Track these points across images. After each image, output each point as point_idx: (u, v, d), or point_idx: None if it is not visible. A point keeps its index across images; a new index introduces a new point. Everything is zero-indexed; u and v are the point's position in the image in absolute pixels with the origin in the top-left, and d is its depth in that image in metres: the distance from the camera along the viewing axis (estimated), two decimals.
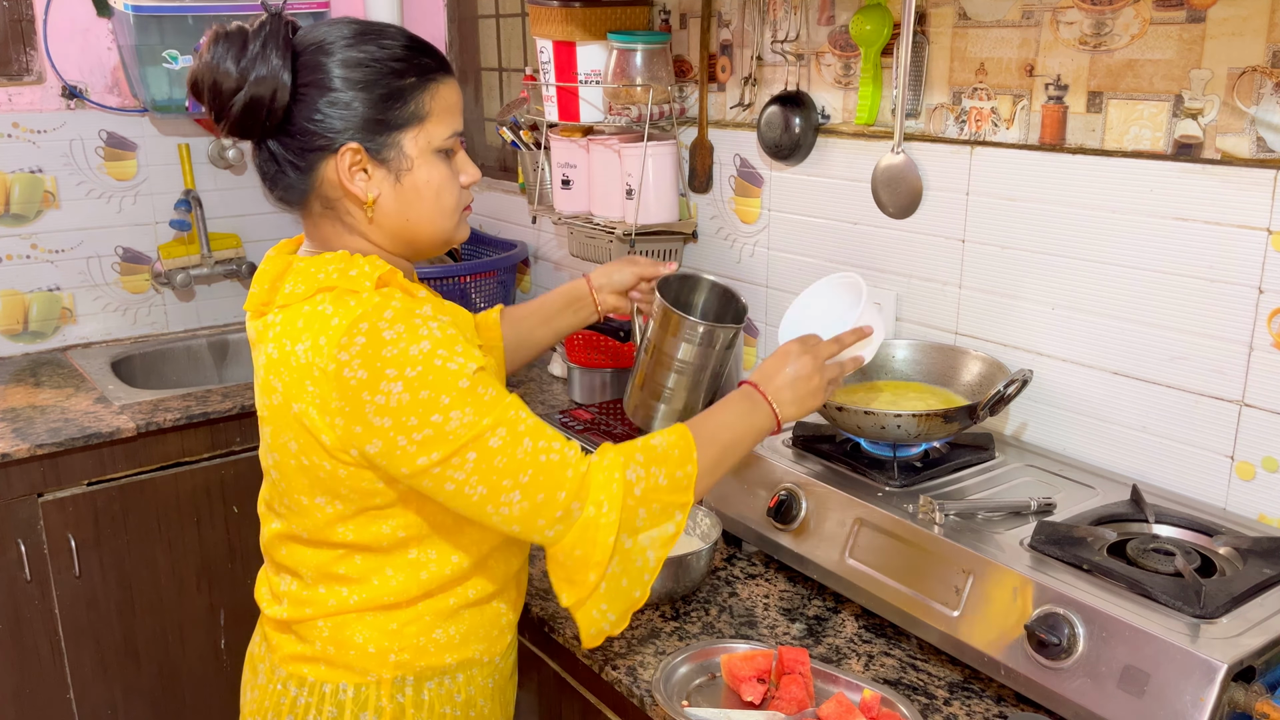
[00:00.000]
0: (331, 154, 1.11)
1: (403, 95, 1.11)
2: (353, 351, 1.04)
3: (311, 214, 1.17)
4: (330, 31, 1.11)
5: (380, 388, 1.04)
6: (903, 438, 1.43)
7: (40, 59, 2.56)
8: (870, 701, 1.17)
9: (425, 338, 1.05)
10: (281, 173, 1.14)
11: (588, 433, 1.97)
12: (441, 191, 1.17)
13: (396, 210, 1.15)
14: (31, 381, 2.47)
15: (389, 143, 1.12)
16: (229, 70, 1.07)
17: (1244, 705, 1.04)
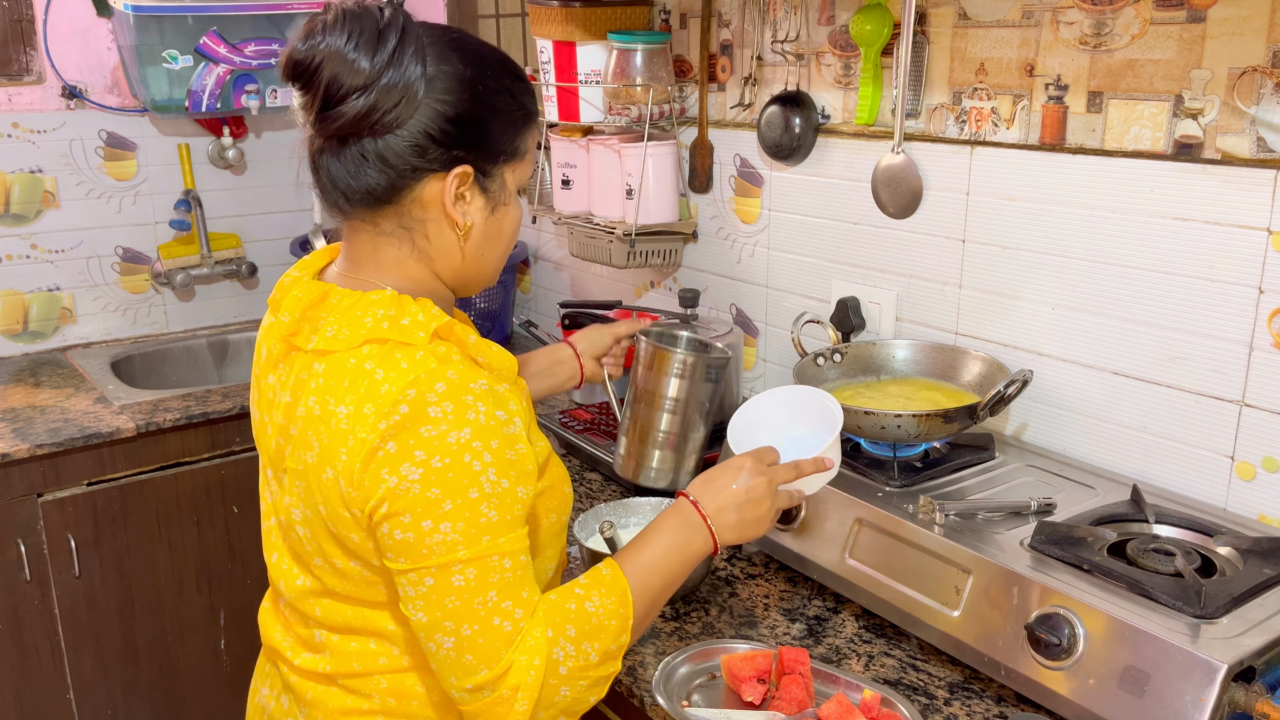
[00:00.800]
0: (439, 171, 1.02)
1: (507, 129, 1.04)
2: (391, 422, 0.96)
3: (377, 229, 1.06)
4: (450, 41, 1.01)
5: (399, 469, 0.96)
6: (903, 438, 1.43)
7: (40, 59, 2.56)
8: (870, 702, 1.17)
9: (470, 424, 0.97)
10: (367, 177, 1.01)
11: (587, 432, 1.97)
12: (515, 232, 1.11)
13: (480, 244, 1.08)
14: (31, 381, 2.47)
15: (495, 173, 1.05)
16: (360, 66, 0.96)
17: (1244, 705, 1.04)
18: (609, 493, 1.83)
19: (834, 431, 1.27)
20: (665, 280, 2.32)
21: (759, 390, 2.12)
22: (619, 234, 2.08)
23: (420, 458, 0.96)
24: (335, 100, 0.98)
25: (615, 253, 2.11)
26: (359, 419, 0.97)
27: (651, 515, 1.57)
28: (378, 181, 1.02)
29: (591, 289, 2.58)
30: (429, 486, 0.96)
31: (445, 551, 0.97)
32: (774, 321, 2.05)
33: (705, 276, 2.19)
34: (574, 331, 2.09)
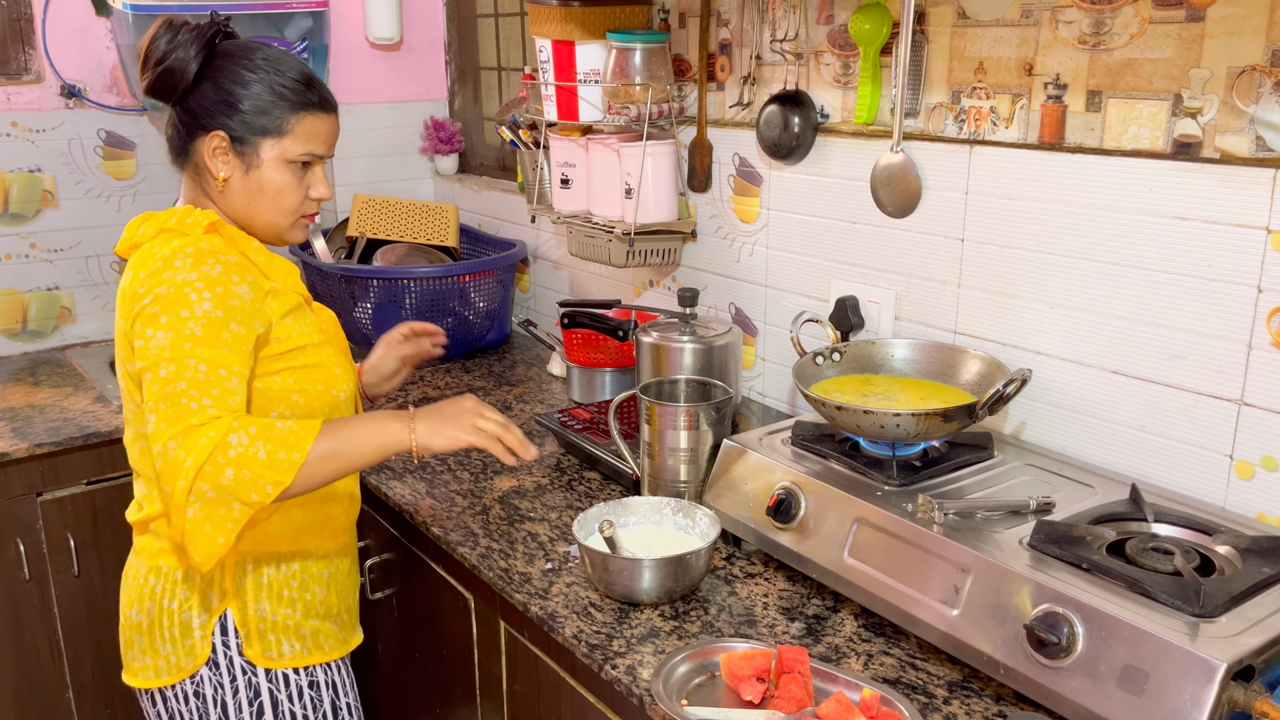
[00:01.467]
0: (205, 133, 1.40)
1: (271, 111, 1.40)
2: (149, 271, 1.33)
3: (187, 174, 1.46)
4: (249, 48, 1.42)
5: (141, 300, 1.31)
6: (902, 437, 1.43)
7: (39, 58, 2.56)
8: (870, 700, 1.17)
9: (199, 273, 1.32)
10: (175, 136, 1.44)
11: (586, 432, 1.97)
12: (281, 194, 1.44)
13: (240, 194, 1.44)
14: (30, 381, 2.47)
15: (249, 142, 1.41)
16: (158, 46, 1.38)
17: (1243, 704, 1.04)
18: (608, 492, 1.83)
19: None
20: (664, 279, 2.32)
21: (759, 390, 2.12)
22: (618, 233, 2.08)
23: (159, 292, 1.31)
24: (147, 69, 1.40)
25: (614, 252, 2.11)
26: (134, 279, 1.36)
27: (651, 514, 1.57)
28: (177, 138, 1.44)
29: (590, 288, 2.58)
30: (154, 305, 1.31)
31: (158, 352, 1.29)
32: (773, 321, 2.05)
33: (704, 275, 2.19)
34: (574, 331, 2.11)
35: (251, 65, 1.41)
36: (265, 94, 1.40)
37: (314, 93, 1.45)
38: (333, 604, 1.55)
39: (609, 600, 1.47)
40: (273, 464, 1.26)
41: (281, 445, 1.27)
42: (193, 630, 1.44)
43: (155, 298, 1.31)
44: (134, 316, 1.33)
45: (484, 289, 2.60)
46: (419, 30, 3.00)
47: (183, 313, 1.30)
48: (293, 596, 1.49)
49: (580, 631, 1.39)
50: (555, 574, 1.55)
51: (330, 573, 1.55)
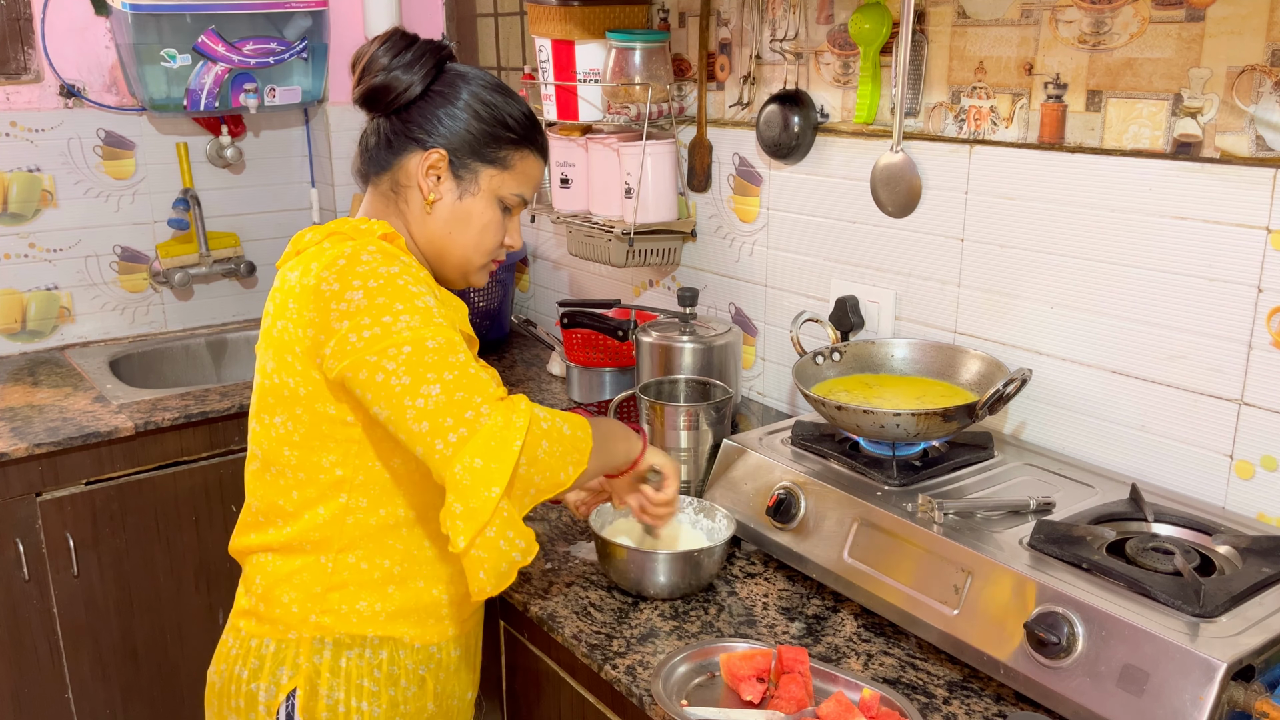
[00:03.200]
0: (422, 149, 1.30)
1: (499, 142, 1.31)
2: (333, 270, 1.19)
3: (379, 189, 1.34)
4: (481, 74, 1.34)
5: (345, 295, 1.17)
6: (902, 436, 1.43)
7: (38, 58, 2.56)
8: (869, 700, 1.17)
9: (398, 264, 1.21)
10: (378, 145, 1.33)
11: None
12: (486, 229, 1.34)
13: (445, 220, 1.32)
14: (30, 381, 2.47)
15: (470, 167, 1.31)
16: (380, 59, 1.29)
17: (1243, 704, 1.04)
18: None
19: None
20: (664, 279, 2.32)
21: (759, 390, 2.12)
22: (618, 233, 2.08)
23: (357, 284, 1.18)
24: (363, 79, 1.30)
25: (614, 251, 2.11)
26: (306, 273, 1.22)
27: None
28: (381, 147, 1.33)
29: (590, 288, 2.58)
30: (375, 297, 1.17)
31: (414, 331, 1.16)
32: (773, 320, 2.05)
33: (704, 275, 2.19)
34: (574, 331, 2.10)
35: (486, 89, 1.32)
36: (496, 123, 1.31)
37: (540, 134, 1.36)
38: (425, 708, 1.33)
39: (609, 600, 1.47)
40: (575, 442, 1.20)
41: (570, 421, 1.22)
42: (258, 705, 1.28)
43: (368, 291, 1.17)
44: (327, 307, 1.17)
45: (484, 288, 2.60)
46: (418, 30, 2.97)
47: (417, 302, 1.18)
48: (374, 690, 1.29)
49: (580, 631, 1.39)
50: (555, 574, 1.55)
51: (428, 669, 1.33)
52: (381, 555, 1.28)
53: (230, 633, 1.35)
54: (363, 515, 1.26)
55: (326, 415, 1.22)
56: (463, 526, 1.11)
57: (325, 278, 1.19)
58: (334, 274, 1.19)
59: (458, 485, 1.11)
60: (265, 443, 1.28)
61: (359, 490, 1.25)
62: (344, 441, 1.24)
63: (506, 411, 1.15)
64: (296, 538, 1.27)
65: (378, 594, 1.28)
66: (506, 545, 1.13)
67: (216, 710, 1.34)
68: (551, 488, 1.19)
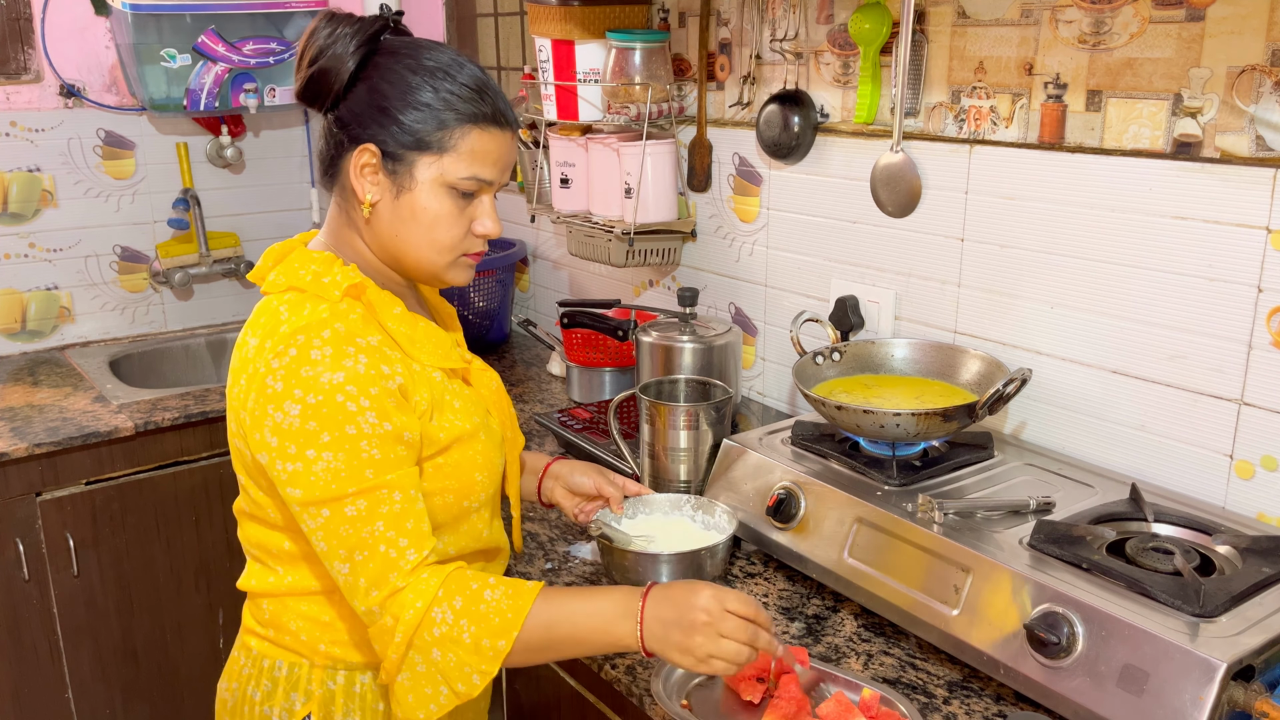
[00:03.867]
0: (354, 146, 1.17)
1: (431, 122, 1.15)
2: (282, 362, 1.10)
3: (334, 200, 1.24)
4: (412, 46, 1.17)
5: (282, 404, 1.08)
6: (902, 436, 1.43)
7: (38, 57, 2.56)
8: (869, 700, 1.17)
9: (345, 370, 1.09)
10: (324, 150, 1.21)
11: (586, 431, 1.97)
12: (437, 224, 1.19)
13: (389, 223, 1.19)
14: (30, 380, 2.47)
15: (401, 158, 1.16)
16: (316, 41, 1.16)
17: (1243, 704, 1.04)
18: None
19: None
20: (664, 279, 2.32)
21: (759, 390, 2.12)
22: (618, 233, 2.08)
23: (298, 395, 1.08)
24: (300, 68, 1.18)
25: (614, 251, 2.11)
26: (259, 352, 1.13)
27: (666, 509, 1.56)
28: (325, 152, 1.21)
29: (590, 288, 2.58)
30: (307, 420, 1.08)
31: (335, 482, 1.08)
32: (773, 320, 2.05)
33: (704, 275, 2.19)
34: (574, 330, 2.10)
35: (414, 65, 1.16)
36: (425, 100, 1.15)
37: (485, 102, 1.17)
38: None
39: None
40: (477, 650, 1.08)
41: (487, 630, 1.08)
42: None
43: (305, 409, 1.07)
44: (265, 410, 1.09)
45: (483, 288, 2.60)
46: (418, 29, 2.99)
47: (348, 429, 1.08)
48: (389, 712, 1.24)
49: None
50: (555, 574, 1.55)
51: None
52: None
53: (241, 650, 1.30)
54: None
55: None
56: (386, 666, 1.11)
57: (274, 370, 1.09)
58: (282, 370, 1.09)
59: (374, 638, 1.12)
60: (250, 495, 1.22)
61: None
62: None
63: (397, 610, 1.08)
64: (298, 585, 1.22)
65: None
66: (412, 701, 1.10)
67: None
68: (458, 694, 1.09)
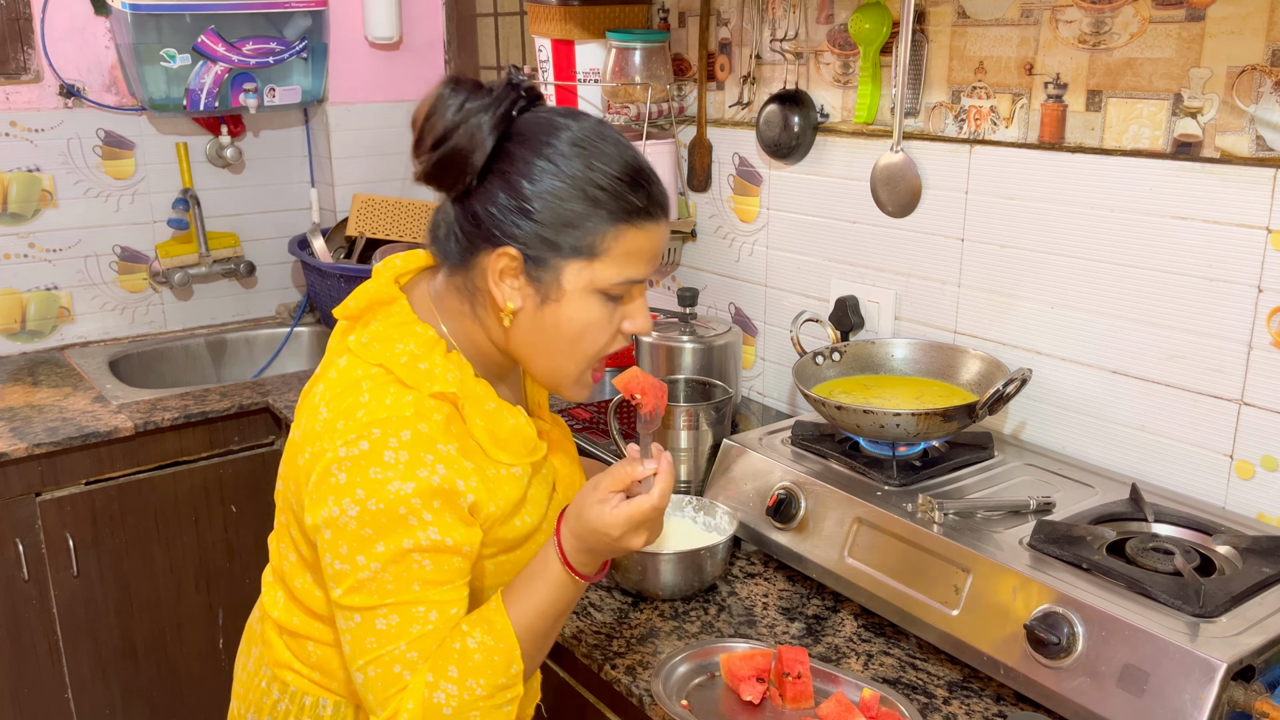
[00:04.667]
0: (491, 248, 1.03)
1: (582, 224, 1.02)
2: (350, 453, 1.01)
3: (453, 282, 1.10)
4: (551, 127, 1.03)
5: (342, 502, 1.01)
6: (902, 436, 1.43)
7: (38, 57, 2.56)
8: (869, 700, 1.17)
9: (417, 481, 1.00)
10: (451, 239, 1.07)
11: (586, 431, 1.97)
12: (584, 335, 1.07)
13: (529, 330, 1.07)
14: (29, 380, 2.47)
15: (547, 264, 1.03)
16: (445, 116, 1.01)
17: (1243, 704, 1.04)
18: None
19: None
20: (664, 279, 2.32)
21: (759, 390, 2.12)
22: None
23: (360, 495, 1.00)
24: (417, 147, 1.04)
25: None
26: (330, 430, 1.03)
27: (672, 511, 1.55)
28: (452, 241, 1.07)
29: None
30: (364, 525, 1.00)
31: (376, 593, 1.02)
32: (773, 320, 2.05)
33: (704, 275, 2.19)
34: None
35: (553, 153, 1.01)
36: (570, 197, 1.01)
37: (640, 193, 1.05)
38: None
39: (609, 600, 1.47)
40: (495, 690, 1.04)
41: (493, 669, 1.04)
42: None
43: (364, 513, 0.99)
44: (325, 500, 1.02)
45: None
46: (418, 29, 2.99)
47: (405, 542, 1.00)
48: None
49: (580, 631, 1.39)
50: None
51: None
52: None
53: (273, 683, 1.22)
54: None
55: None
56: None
57: (340, 460, 1.01)
58: (347, 464, 1.00)
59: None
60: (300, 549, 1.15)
61: None
62: None
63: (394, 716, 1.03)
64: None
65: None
66: None
67: None
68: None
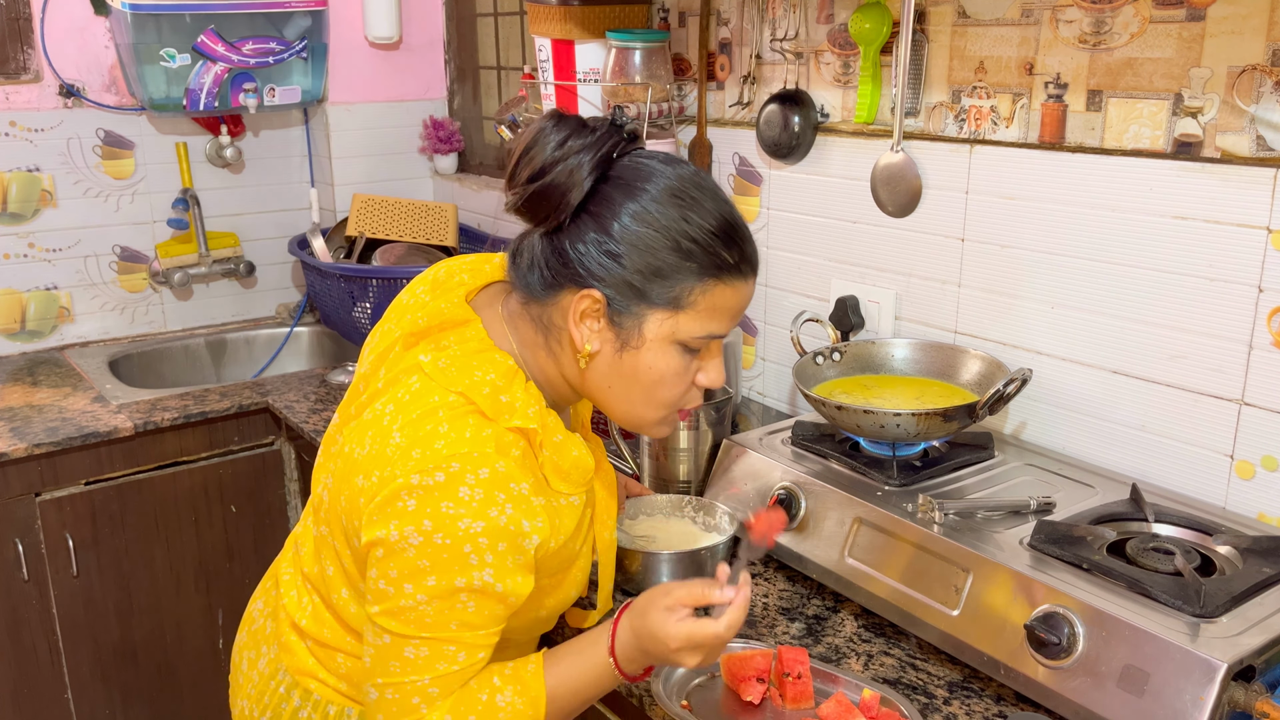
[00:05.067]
0: (576, 289, 1.04)
1: (671, 276, 1.03)
2: (424, 482, 0.99)
3: (530, 312, 1.10)
4: (647, 174, 1.04)
5: (405, 528, 0.99)
6: (902, 436, 1.43)
7: (38, 57, 2.56)
8: (870, 701, 1.17)
9: (486, 519, 0.99)
10: (531, 268, 1.08)
11: None
12: (661, 384, 1.08)
13: (605, 374, 1.08)
14: (29, 381, 2.47)
15: (632, 312, 1.04)
16: (544, 151, 1.02)
17: (1244, 704, 1.04)
18: None
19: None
20: None
21: (759, 390, 2.12)
22: None
23: (427, 527, 0.99)
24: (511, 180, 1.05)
25: None
26: (403, 456, 1.01)
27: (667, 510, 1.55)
28: (535, 274, 1.08)
29: None
30: (422, 556, 0.99)
31: (413, 624, 1.01)
32: (773, 320, 2.05)
33: None
34: None
35: (649, 200, 1.02)
36: (662, 247, 1.02)
37: (733, 250, 1.07)
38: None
39: None
40: None
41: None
42: None
43: (425, 544, 0.98)
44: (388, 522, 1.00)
45: None
46: (418, 29, 2.99)
47: (458, 580, 0.99)
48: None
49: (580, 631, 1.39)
50: None
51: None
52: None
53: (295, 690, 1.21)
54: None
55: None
56: None
57: (412, 488, 0.99)
58: (419, 493, 0.99)
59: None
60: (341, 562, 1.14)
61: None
62: None
63: None
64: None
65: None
66: None
67: None
68: None
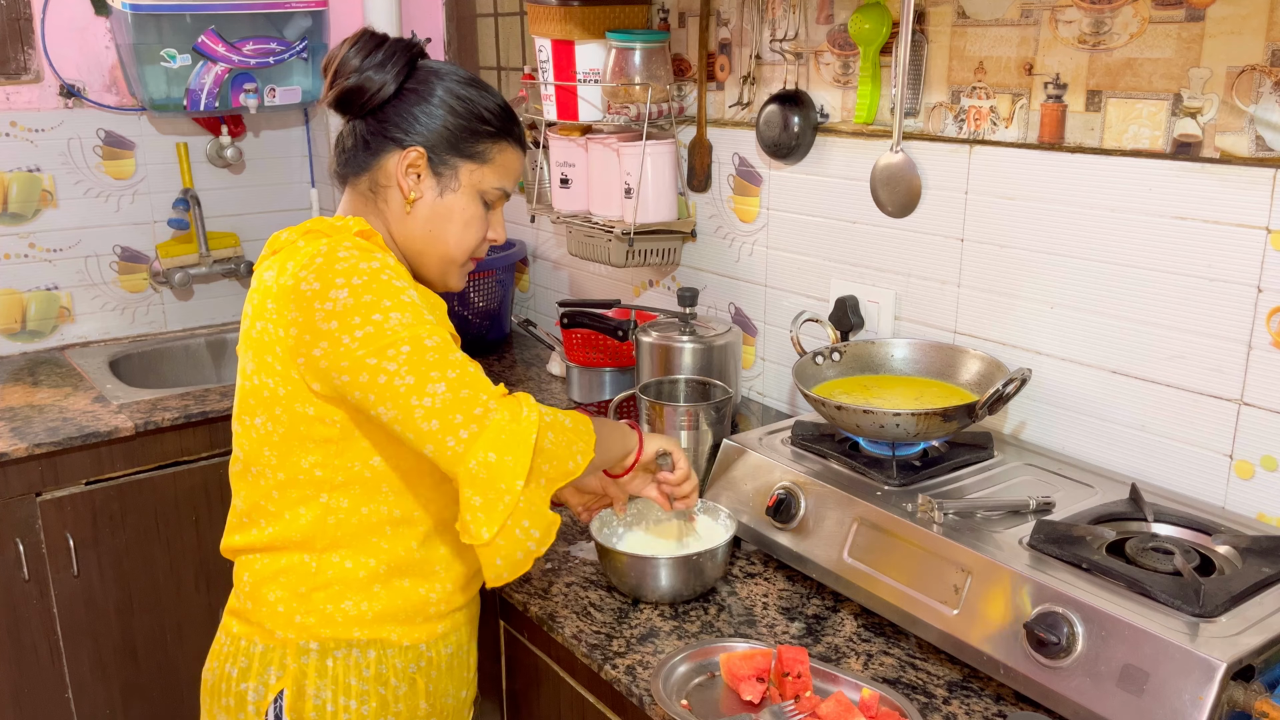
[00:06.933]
0: (400, 149, 1.29)
1: (477, 136, 1.31)
2: (311, 268, 1.17)
3: (357, 189, 1.33)
4: (453, 69, 1.33)
5: (329, 294, 1.15)
6: (902, 436, 1.43)
7: (38, 57, 2.56)
8: (869, 700, 1.17)
9: (378, 260, 1.20)
10: (355, 147, 1.31)
11: None
12: (468, 225, 1.33)
13: (425, 218, 1.31)
14: (29, 381, 2.47)
15: (449, 163, 1.30)
16: (350, 61, 1.28)
17: (1243, 704, 1.04)
18: None
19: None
20: (664, 279, 2.32)
21: (759, 390, 2.12)
22: (618, 233, 2.08)
23: (340, 282, 1.16)
24: (335, 83, 1.29)
25: (614, 251, 2.11)
26: (283, 272, 1.21)
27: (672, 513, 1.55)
28: (359, 150, 1.31)
29: (590, 288, 2.58)
30: (361, 295, 1.16)
31: (409, 328, 1.16)
32: (773, 320, 2.05)
33: (704, 275, 2.19)
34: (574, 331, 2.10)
35: (460, 84, 1.31)
36: (472, 117, 1.30)
37: (516, 125, 1.35)
38: (417, 707, 1.33)
39: (609, 600, 1.47)
40: (579, 433, 1.23)
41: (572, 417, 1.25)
42: (247, 704, 1.29)
43: (353, 289, 1.16)
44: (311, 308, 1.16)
45: (483, 288, 2.60)
46: (418, 30, 2.99)
47: (403, 297, 1.18)
48: (363, 690, 1.29)
49: (580, 631, 1.39)
50: (555, 573, 1.55)
51: (418, 667, 1.33)
52: (366, 555, 1.27)
53: (222, 630, 1.36)
54: (344, 515, 1.26)
55: (305, 416, 1.22)
56: (484, 519, 1.14)
57: (304, 276, 1.17)
58: (313, 272, 1.17)
59: (474, 479, 1.14)
60: (246, 443, 1.28)
61: (339, 490, 1.25)
62: (322, 442, 1.23)
63: (514, 406, 1.18)
64: (279, 537, 1.27)
65: (363, 594, 1.27)
66: (522, 534, 1.16)
67: (208, 707, 1.35)
68: (561, 476, 1.20)
